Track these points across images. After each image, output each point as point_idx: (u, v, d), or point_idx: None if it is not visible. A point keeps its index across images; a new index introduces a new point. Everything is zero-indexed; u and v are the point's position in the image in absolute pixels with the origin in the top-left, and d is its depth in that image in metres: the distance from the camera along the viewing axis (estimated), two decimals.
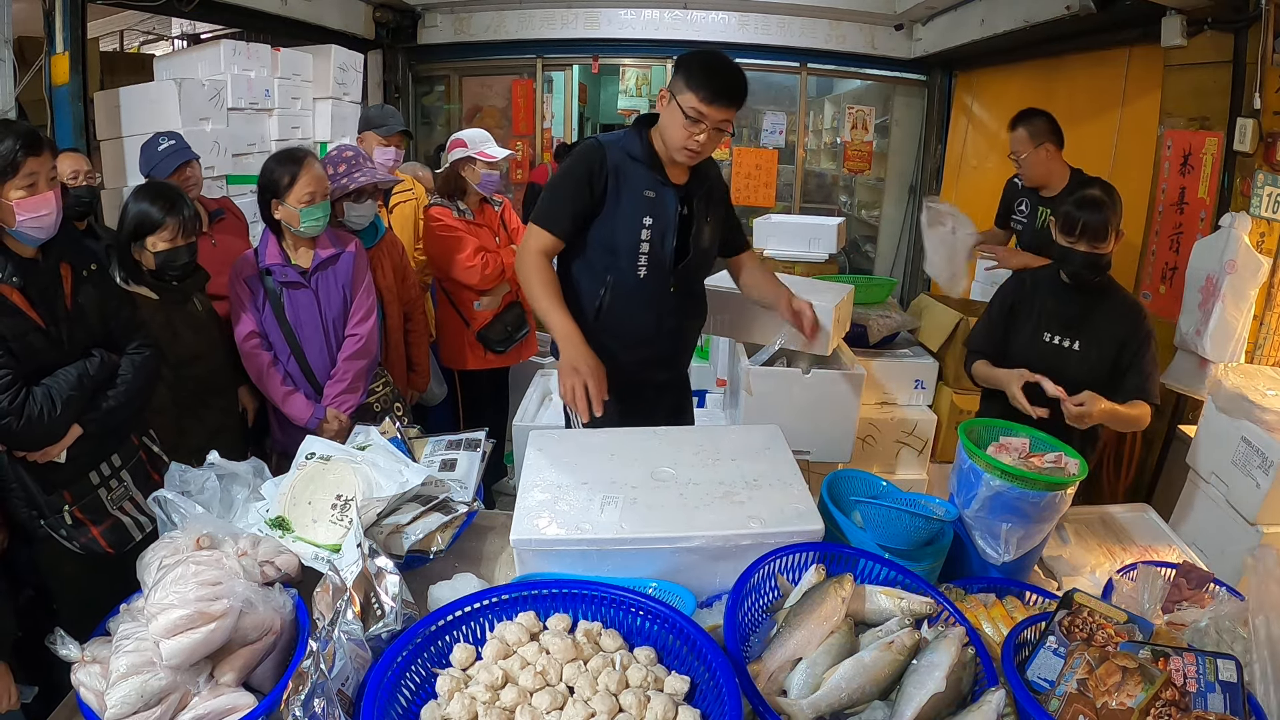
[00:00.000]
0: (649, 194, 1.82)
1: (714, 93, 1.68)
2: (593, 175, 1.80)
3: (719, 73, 1.69)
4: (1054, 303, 2.03)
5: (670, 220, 1.84)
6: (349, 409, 2.23)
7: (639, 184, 1.82)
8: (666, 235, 1.84)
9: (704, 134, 1.72)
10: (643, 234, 1.82)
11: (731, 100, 1.70)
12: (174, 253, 1.95)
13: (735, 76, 1.71)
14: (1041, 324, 2.04)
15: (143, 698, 1.01)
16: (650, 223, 1.82)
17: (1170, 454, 2.82)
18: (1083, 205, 1.90)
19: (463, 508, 1.43)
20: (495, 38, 5.77)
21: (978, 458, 1.38)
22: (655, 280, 1.87)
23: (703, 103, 1.68)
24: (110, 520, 1.76)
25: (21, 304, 1.56)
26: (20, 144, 1.48)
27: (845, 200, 6.67)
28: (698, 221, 1.89)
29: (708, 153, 1.78)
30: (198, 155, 2.65)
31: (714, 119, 1.70)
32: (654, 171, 1.82)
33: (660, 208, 1.83)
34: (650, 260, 1.85)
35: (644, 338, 1.91)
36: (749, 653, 1.10)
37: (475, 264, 2.80)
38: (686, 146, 1.74)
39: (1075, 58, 4.05)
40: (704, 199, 1.90)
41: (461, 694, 0.99)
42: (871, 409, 2.75)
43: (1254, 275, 2.46)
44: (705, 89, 1.68)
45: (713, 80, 1.68)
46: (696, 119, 1.70)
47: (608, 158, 1.81)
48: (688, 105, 1.69)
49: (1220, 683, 0.98)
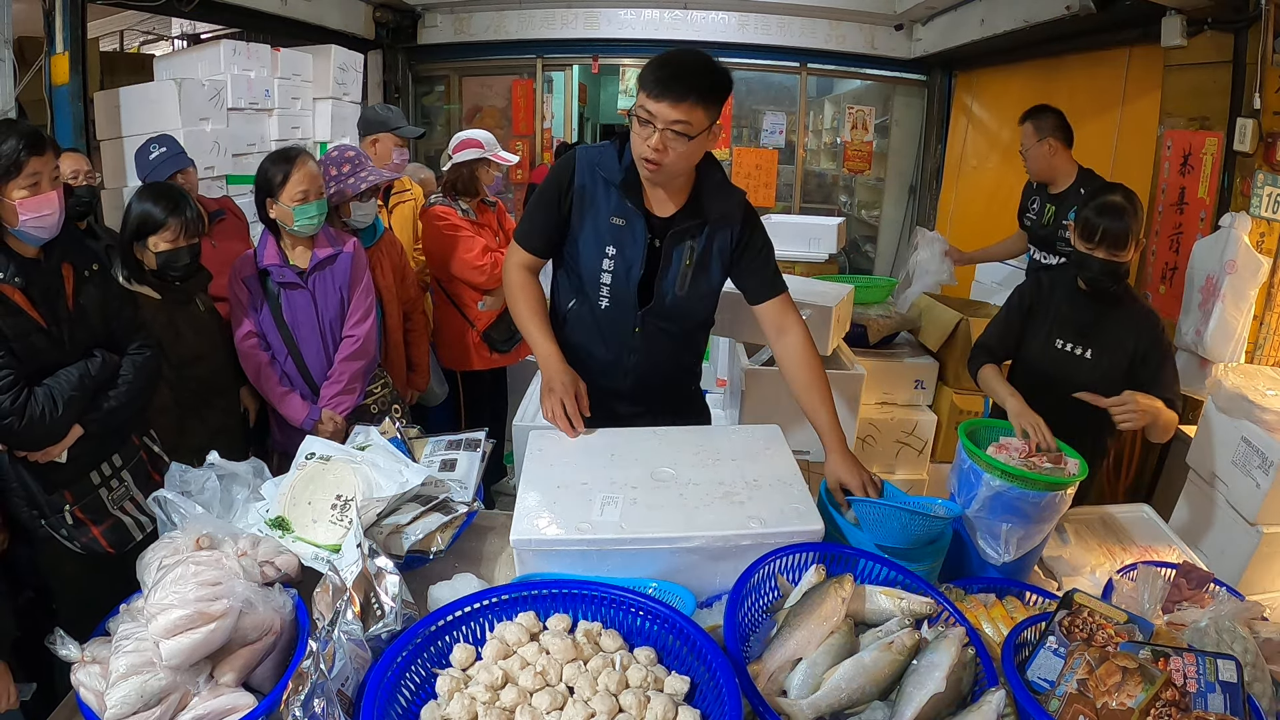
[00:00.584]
0: (616, 220, 1.63)
1: (658, 85, 1.44)
2: (560, 194, 1.65)
3: (665, 63, 1.47)
4: (1068, 308, 1.97)
5: (638, 254, 1.63)
6: (345, 410, 2.23)
7: (605, 208, 1.63)
8: (632, 270, 1.64)
9: (654, 136, 1.47)
10: (604, 264, 1.65)
11: (681, 93, 1.44)
12: (175, 253, 1.95)
13: (684, 65, 1.46)
14: (1054, 329, 1.99)
15: (143, 698, 1.01)
16: (613, 253, 1.64)
17: (1170, 454, 2.81)
18: (1103, 211, 1.83)
19: (463, 508, 1.42)
20: (495, 38, 5.78)
21: (978, 458, 1.39)
22: (618, 314, 1.69)
23: (649, 99, 1.46)
24: (111, 520, 1.76)
25: (23, 304, 1.57)
26: (23, 144, 1.49)
27: (845, 200, 6.67)
28: (675, 264, 1.65)
29: (670, 164, 1.51)
30: (192, 161, 2.64)
31: (664, 118, 1.45)
32: (627, 196, 1.61)
33: (626, 238, 1.63)
34: (612, 294, 1.68)
35: (602, 369, 1.74)
36: (749, 653, 1.10)
37: (484, 263, 2.80)
38: (642, 156, 1.51)
39: (1075, 58, 4.06)
40: (699, 237, 1.64)
41: (461, 694, 0.99)
42: (871, 409, 2.75)
43: (1254, 275, 2.46)
44: (650, 82, 1.46)
45: (656, 71, 1.46)
46: (646, 119, 1.47)
47: (576, 176, 1.64)
48: (637, 106, 1.49)
49: (1220, 683, 0.98)
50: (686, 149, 1.49)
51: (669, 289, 1.66)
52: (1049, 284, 2.04)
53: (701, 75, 1.46)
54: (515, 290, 1.72)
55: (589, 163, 1.64)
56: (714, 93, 1.47)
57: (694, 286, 1.68)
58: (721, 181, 1.66)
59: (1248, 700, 1.00)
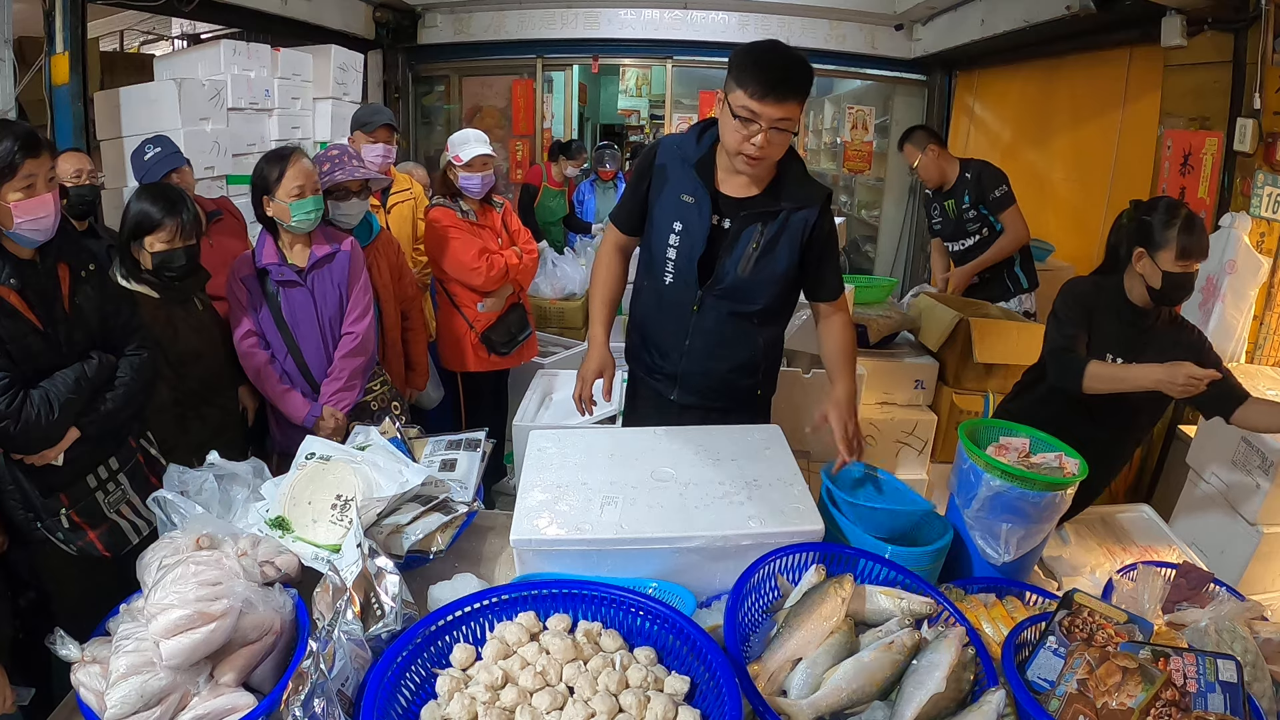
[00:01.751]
0: (686, 199, 1.68)
1: (764, 86, 1.47)
2: (642, 173, 1.75)
3: (768, 64, 1.49)
4: (1116, 323, 1.92)
5: (703, 232, 1.67)
6: (345, 407, 2.23)
7: (679, 186, 1.69)
8: (695, 248, 1.69)
9: (760, 135, 1.50)
10: (670, 239, 1.70)
11: (786, 93, 1.48)
12: (171, 254, 1.95)
13: (789, 66, 1.50)
14: (1103, 343, 1.93)
15: (143, 698, 1.00)
16: (680, 228, 1.69)
17: (1170, 454, 2.82)
18: (1194, 230, 1.79)
19: (463, 508, 1.42)
20: (495, 38, 5.78)
21: (978, 458, 1.38)
22: (680, 291, 1.74)
23: (752, 99, 1.48)
24: (107, 524, 1.75)
25: (19, 306, 1.56)
26: (18, 145, 1.48)
27: (845, 200, 6.67)
28: (741, 245, 1.67)
29: (772, 156, 1.57)
30: (187, 160, 2.64)
31: (770, 117, 1.49)
32: (700, 175, 1.66)
33: (693, 215, 1.67)
34: (675, 269, 1.73)
35: (662, 350, 1.83)
36: (749, 653, 1.10)
37: (480, 265, 2.79)
38: (742, 151, 1.54)
39: (1076, 58, 4.06)
40: (771, 223, 1.66)
41: (461, 694, 0.99)
42: (871, 409, 2.75)
43: (1254, 275, 2.46)
44: (754, 83, 1.47)
45: (762, 73, 1.47)
46: (748, 118, 1.50)
47: (659, 155, 1.72)
48: (737, 104, 1.50)
49: (1220, 683, 0.98)
50: (785, 141, 1.56)
51: (731, 269, 1.68)
52: (1095, 289, 1.97)
53: (802, 73, 1.51)
54: (596, 269, 1.87)
55: (672, 143, 1.72)
56: (809, 87, 1.54)
57: (757, 269, 1.69)
58: (804, 173, 1.71)
59: (1248, 700, 1.00)
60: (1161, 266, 1.81)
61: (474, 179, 2.81)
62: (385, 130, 2.98)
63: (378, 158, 2.94)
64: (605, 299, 1.86)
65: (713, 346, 1.77)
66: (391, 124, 3.03)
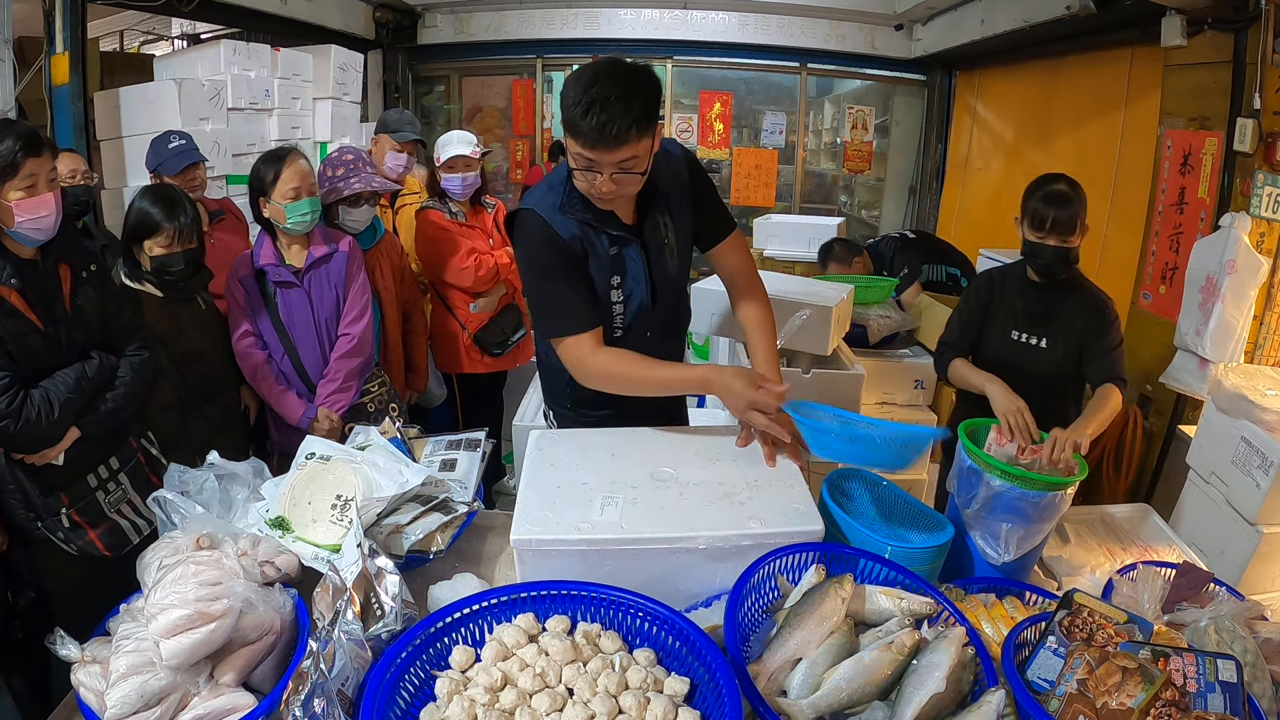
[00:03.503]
0: (611, 250, 1.52)
1: (591, 134, 1.28)
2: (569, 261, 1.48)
3: (587, 105, 1.26)
4: (1020, 300, 2.03)
5: (639, 271, 1.55)
6: (341, 409, 2.23)
7: (596, 247, 1.51)
8: (639, 288, 1.57)
9: (600, 180, 1.33)
10: (613, 295, 1.56)
11: (611, 136, 1.27)
12: (169, 258, 1.95)
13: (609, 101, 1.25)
14: (1009, 321, 2.04)
15: (143, 698, 1.00)
16: (618, 281, 1.55)
17: (1170, 454, 2.82)
18: (1050, 200, 1.89)
19: (463, 508, 1.42)
20: (495, 38, 5.78)
21: (978, 458, 1.39)
22: (634, 335, 1.60)
23: (584, 148, 1.31)
24: (108, 523, 1.75)
25: (20, 305, 1.56)
26: (20, 144, 1.48)
27: (845, 200, 6.67)
28: (660, 249, 1.57)
29: (626, 195, 1.42)
30: (205, 158, 2.64)
31: (607, 163, 1.31)
32: (603, 222, 1.49)
33: (622, 261, 1.54)
34: (625, 319, 1.59)
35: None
36: (749, 653, 1.10)
37: (468, 265, 2.80)
38: (599, 199, 1.40)
39: (1078, 58, 4.06)
40: (664, 212, 1.56)
41: (460, 696, 0.98)
42: (871, 409, 2.75)
43: (1254, 275, 2.46)
44: (578, 133, 1.29)
45: (580, 116, 1.27)
46: (588, 167, 1.33)
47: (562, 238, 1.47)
48: (572, 151, 1.34)
49: (1220, 683, 0.98)
50: (637, 180, 1.38)
51: (664, 271, 1.59)
52: (999, 278, 2.10)
53: (633, 101, 1.27)
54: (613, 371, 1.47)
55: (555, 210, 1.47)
56: (651, 113, 1.31)
57: (681, 256, 1.60)
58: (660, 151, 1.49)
59: (1248, 700, 1.00)
60: (1025, 235, 1.95)
61: (454, 179, 2.82)
62: (413, 144, 3.02)
63: (400, 166, 2.97)
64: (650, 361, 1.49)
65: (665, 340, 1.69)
66: (422, 140, 3.07)
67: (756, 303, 1.66)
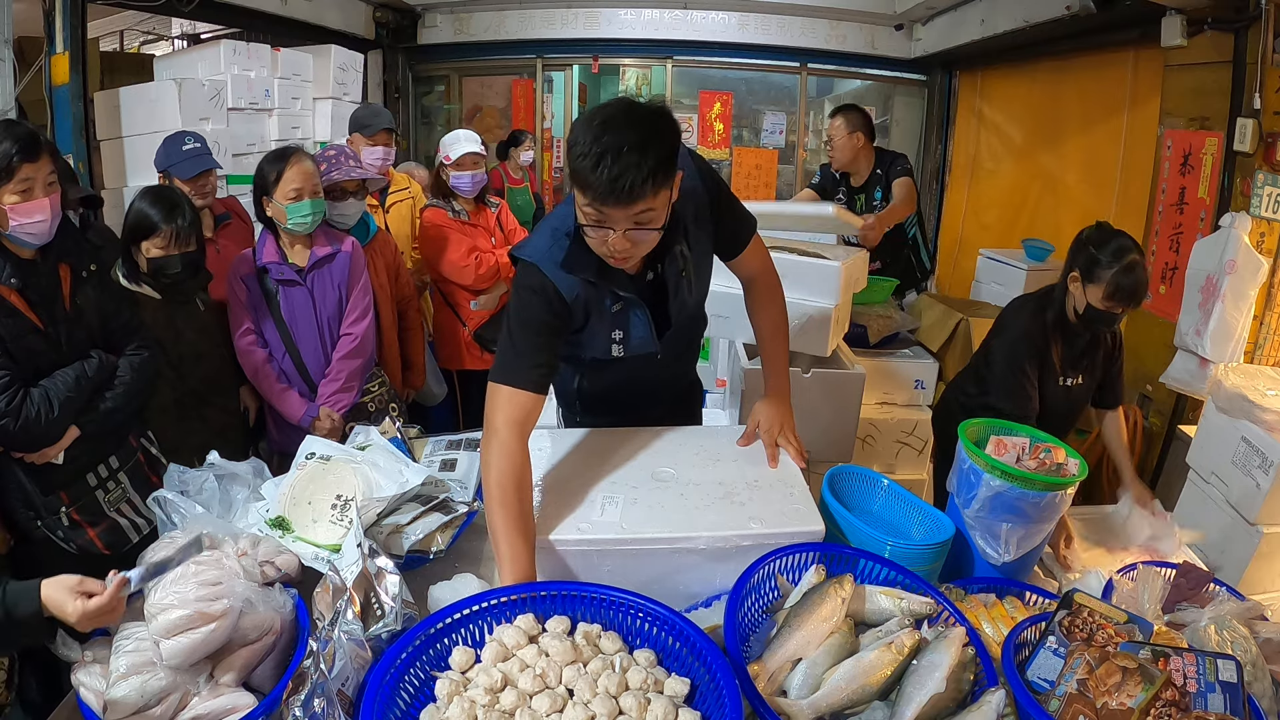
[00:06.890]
0: (614, 308, 1.41)
1: (602, 189, 1.15)
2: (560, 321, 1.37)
3: (599, 155, 1.13)
4: (1063, 346, 2.03)
5: (645, 329, 1.44)
6: (343, 408, 2.23)
7: (600, 302, 1.40)
8: (642, 343, 1.47)
9: (614, 238, 1.21)
10: (613, 350, 1.47)
11: (625, 191, 1.14)
12: (166, 260, 1.95)
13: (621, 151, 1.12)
14: (1058, 369, 2.03)
15: (143, 698, 1.01)
16: (620, 336, 1.45)
17: (1170, 454, 2.82)
18: (1130, 272, 1.82)
19: (463, 508, 1.43)
20: (495, 38, 5.78)
21: (978, 458, 1.38)
22: (635, 360, 1.51)
23: (593, 204, 1.18)
24: (107, 522, 1.75)
25: (20, 305, 1.56)
26: (17, 148, 1.48)
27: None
28: (676, 278, 1.43)
29: (638, 254, 1.28)
30: (219, 165, 2.59)
31: (620, 219, 1.19)
32: (608, 280, 1.36)
33: (625, 318, 1.43)
34: (623, 354, 1.49)
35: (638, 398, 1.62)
36: (749, 653, 1.10)
37: (469, 264, 2.81)
38: (610, 256, 1.26)
39: (1081, 60, 4.05)
40: (678, 243, 1.38)
41: (460, 697, 0.98)
42: (871, 409, 2.75)
43: (1254, 275, 2.46)
44: (586, 185, 1.16)
45: (591, 169, 1.14)
46: (597, 223, 1.20)
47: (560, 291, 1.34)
48: (581, 204, 1.21)
49: (1220, 683, 0.98)
50: (652, 237, 1.24)
51: (681, 305, 1.48)
52: (1043, 325, 2.00)
53: (648, 151, 1.14)
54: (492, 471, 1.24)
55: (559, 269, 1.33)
56: (669, 163, 1.18)
57: (698, 281, 1.49)
58: None
59: (1248, 700, 1.00)
60: (1089, 298, 1.90)
61: (464, 177, 2.84)
62: (385, 134, 2.98)
63: (377, 160, 2.94)
64: (520, 515, 1.22)
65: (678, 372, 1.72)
66: (391, 127, 3.03)
67: (775, 309, 1.60)
